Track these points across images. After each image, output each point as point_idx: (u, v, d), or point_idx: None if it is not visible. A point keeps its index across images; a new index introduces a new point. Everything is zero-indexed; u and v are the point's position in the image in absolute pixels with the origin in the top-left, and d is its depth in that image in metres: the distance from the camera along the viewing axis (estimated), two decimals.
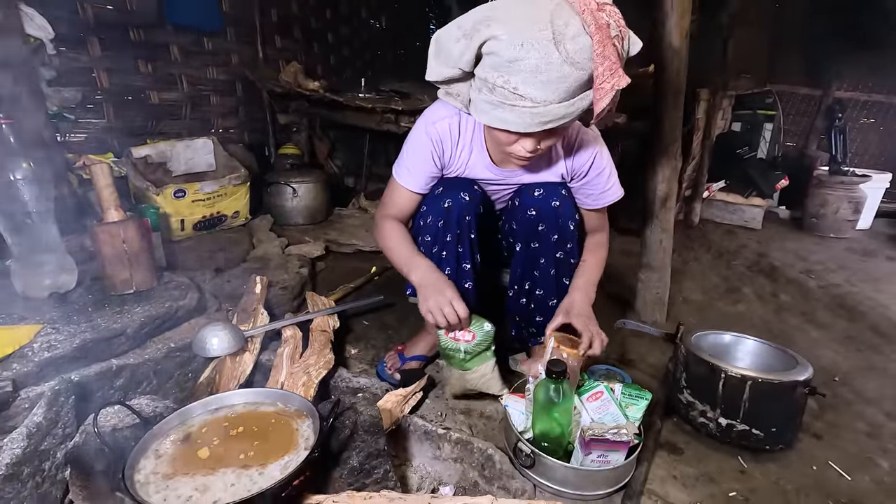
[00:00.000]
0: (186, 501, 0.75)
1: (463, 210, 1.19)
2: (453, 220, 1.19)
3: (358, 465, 0.93)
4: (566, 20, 0.85)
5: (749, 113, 3.59)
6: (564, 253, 1.25)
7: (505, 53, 0.86)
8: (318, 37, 3.23)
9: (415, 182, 1.21)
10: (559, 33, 0.85)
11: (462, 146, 1.19)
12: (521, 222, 1.24)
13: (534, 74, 0.86)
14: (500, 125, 0.96)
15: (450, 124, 1.16)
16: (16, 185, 1.17)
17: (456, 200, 1.18)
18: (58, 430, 0.92)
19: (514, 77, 0.88)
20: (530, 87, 0.88)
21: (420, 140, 1.17)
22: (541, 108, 0.90)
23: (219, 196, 2.07)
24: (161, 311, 1.27)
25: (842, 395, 1.46)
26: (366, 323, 1.70)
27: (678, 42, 1.57)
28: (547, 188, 1.21)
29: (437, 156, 1.18)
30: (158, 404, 0.99)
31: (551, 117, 0.91)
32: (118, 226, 1.27)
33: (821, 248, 2.80)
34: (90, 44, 1.98)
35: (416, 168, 1.20)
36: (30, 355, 1.03)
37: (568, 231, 1.23)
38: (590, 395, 1.09)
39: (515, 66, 0.87)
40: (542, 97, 0.89)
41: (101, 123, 2.06)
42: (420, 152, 1.18)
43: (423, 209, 1.24)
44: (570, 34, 0.85)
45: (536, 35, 0.85)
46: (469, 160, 1.21)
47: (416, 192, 1.23)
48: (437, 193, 1.21)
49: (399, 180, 1.23)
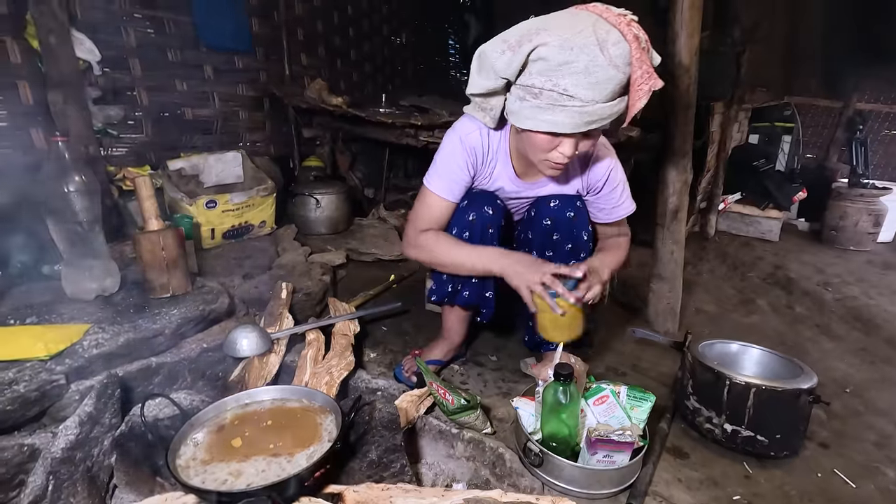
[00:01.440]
0: (222, 484, 0.82)
1: (487, 223, 1.26)
2: (477, 232, 1.26)
3: (376, 459, 0.99)
4: (607, 29, 0.94)
5: (767, 125, 3.59)
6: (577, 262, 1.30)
7: (555, 58, 0.94)
8: (341, 54, 3.36)
9: (449, 190, 1.25)
10: (602, 39, 0.93)
11: (491, 157, 1.26)
12: (537, 232, 1.31)
13: (584, 76, 0.93)
14: (549, 128, 1.00)
15: (481, 135, 1.22)
16: (69, 197, 1.28)
17: (480, 214, 1.25)
18: (105, 419, 1.01)
19: (565, 79, 0.94)
20: (580, 88, 0.95)
21: (455, 150, 1.23)
22: (589, 108, 0.96)
23: (247, 206, 2.18)
24: (195, 314, 1.36)
25: (852, 406, 1.47)
26: (384, 328, 1.77)
27: (688, 59, 1.62)
28: (562, 199, 1.27)
29: (470, 165, 1.24)
30: (195, 398, 1.08)
31: (597, 116, 0.98)
32: (158, 234, 1.37)
33: (840, 261, 2.79)
34: (132, 65, 2.13)
35: (449, 177, 1.24)
36: (80, 352, 1.12)
37: (581, 241, 1.29)
38: (596, 398, 1.14)
39: (566, 68, 0.94)
40: (591, 97, 0.95)
41: (140, 138, 2.20)
42: (455, 161, 1.23)
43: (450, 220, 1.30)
44: (612, 40, 0.93)
45: (584, 41, 0.92)
46: (495, 171, 1.27)
47: (449, 201, 1.26)
48: (462, 207, 1.27)
49: (432, 189, 1.25)
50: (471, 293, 1.35)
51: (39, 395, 1.01)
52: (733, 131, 3.03)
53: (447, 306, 1.47)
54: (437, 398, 1.22)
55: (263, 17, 2.71)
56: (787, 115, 3.66)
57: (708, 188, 3.01)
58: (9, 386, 0.99)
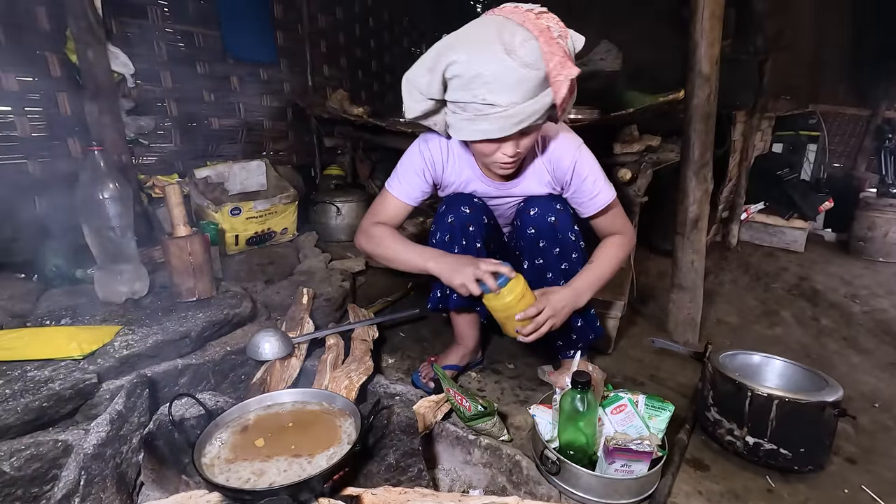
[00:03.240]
0: (245, 483, 0.85)
1: (465, 221, 1.29)
2: (457, 232, 1.29)
3: (394, 463, 1.00)
4: (512, 31, 0.97)
5: (791, 134, 3.53)
6: (569, 263, 1.31)
7: (467, 72, 0.97)
8: (362, 65, 3.43)
9: (404, 193, 1.32)
10: (509, 42, 0.96)
11: (452, 163, 1.30)
12: (525, 240, 1.32)
13: (497, 83, 0.97)
14: (480, 136, 1.05)
15: (440, 144, 1.28)
16: (103, 204, 1.33)
17: (457, 214, 1.29)
18: (134, 418, 1.04)
19: (481, 90, 0.98)
20: (498, 95, 0.98)
21: (413, 158, 1.30)
22: (511, 110, 0.99)
23: (270, 214, 2.24)
24: (219, 318, 1.40)
25: (881, 422, 1.43)
26: (402, 334, 1.79)
27: (708, 69, 1.62)
28: (541, 205, 1.28)
29: (427, 172, 1.30)
30: (219, 399, 1.11)
31: (523, 116, 1.01)
32: (186, 240, 1.42)
33: (868, 273, 2.71)
34: (163, 77, 2.21)
35: (406, 181, 1.31)
36: (111, 352, 1.17)
37: (568, 242, 1.29)
38: (614, 407, 1.13)
39: (479, 79, 0.97)
40: (510, 100, 0.98)
41: (169, 147, 2.28)
42: (413, 167, 1.30)
43: (432, 228, 1.35)
44: (518, 41, 0.96)
45: (490, 49, 0.96)
46: (463, 175, 1.31)
47: (404, 202, 1.32)
48: (442, 211, 1.32)
49: (390, 190, 1.33)
50: (459, 296, 1.33)
51: (73, 393, 1.05)
52: (756, 140, 2.99)
53: (453, 313, 1.49)
54: (454, 404, 1.23)
55: (288, 30, 2.79)
56: (813, 123, 3.60)
57: (730, 197, 2.97)
58: (45, 384, 1.04)
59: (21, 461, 0.91)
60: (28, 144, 1.79)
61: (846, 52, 3.72)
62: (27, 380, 1.04)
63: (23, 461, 0.91)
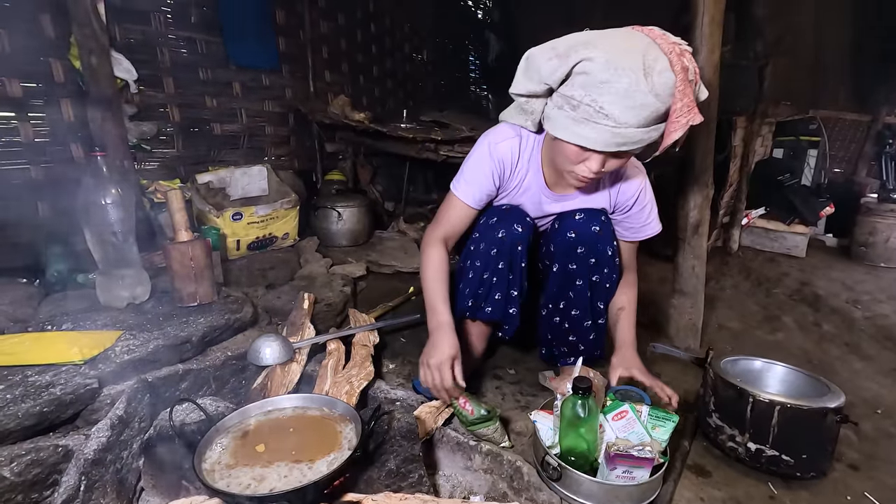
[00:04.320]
0: (246, 488, 0.84)
1: (516, 241, 1.27)
2: (506, 249, 1.27)
3: (395, 468, 1.00)
4: (656, 56, 0.95)
5: (791, 139, 3.53)
6: (601, 277, 1.30)
7: (598, 74, 0.95)
8: (364, 71, 3.45)
9: (472, 196, 1.28)
10: (649, 66, 0.94)
11: (521, 167, 1.27)
12: (560, 244, 1.30)
13: (622, 97, 0.94)
14: (578, 141, 1.02)
15: (511, 146, 1.24)
16: (105, 209, 1.34)
17: (510, 232, 1.26)
18: (135, 423, 1.04)
19: (603, 97, 0.95)
20: (616, 109, 0.95)
21: (483, 157, 1.25)
22: (621, 129, 0.97)
23: (271, 219, 2.24)
24: (220, 323, 1.41)
25: (884, 428, 1.43)
26: (403, 340, 1.79)
27: (709, 74, 1.62)
28: (587, 213, 1.27)
29: (496, 174, 1.26)
30: (220, 404, 1.11)
31: (627, 139, 0.99)
32: (187, 245, 1.42)
33: (869, 278, 2.70)
34: (166, 83, 2.23)
35: (475, 183, 1.27)
36: (112, 357, 1.17)
37: (606, 256, 1.28)
38: (615, 414, 1.13)
39: (606, 87, 0.95)
40: (626, 119, 0.96)
41: (171, 153, 2.29)
42: (481, 168, 1.26)
43: (475, 235, 1.31)
44: (658, 69, 0.94)
45: (630, 63, 0.93)
46: (525, 180, 1.29)
47: (471, 207, 1.29)
48: (492, 223, 1.28)
49: (457, 193, 1.29)
50: (494, 309, 1.34)
51: (74, 398, 1.05)
52: (756, 145, 2.99)
53: (468, 321, 1.45)
54: (456, 408, 1.23)
55: (290, 36, 2.82)
56: (813, 128, 3.60)
57: (731, 203, 2.97)
58: (46, 388, 1.04)
59: (21, 466, 0.91)
60: (31, 150, 1.80)
61: (846, 57, 3.72)
62: (28, 385, 1.05)
63: (23, 466, 0.91)
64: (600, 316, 1.36)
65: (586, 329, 1.37)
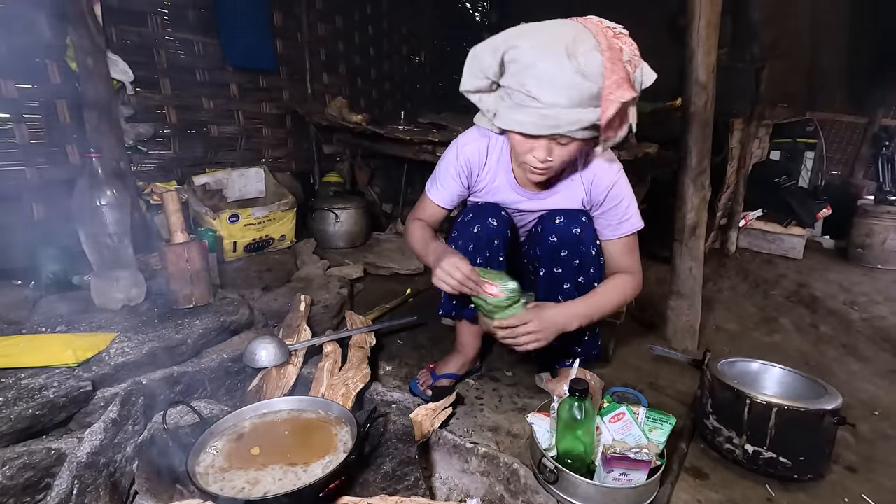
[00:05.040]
0: (240, 492, 0.84)
1: (492, 234, 1.28)
2: (483, 244, 1.29)
3: (390, 471, 1.00)
4: (582, 39, 0.97)
5: (788, 141, 3.54)
6: (586, 277, 1.30)
7: (524, 60, 0.98)
8: (361, 73, 3.45)
9: (441, 197, 1.35)
10: (574, 48, 0.96)
11: (489, 168, 1.30)
12: (544, 248, 1.31)
13: (547, 79, 0.96)
14: (514, 126, 1.05)
15: (478, 147, 1.28)
16: (101, 210, 1.33)
17: (484, 226, 1.28)
18: (129, 426, 1.04)
19: (529, 81, 0.98)
20: (543, 90, 0.97)
21: (450, 160, 1.31)
22: (549, 111, 0.99)
23: (268, 220, 2.24)
24: (216, 325, 1.40)
25: (881, 430, 1.43)
26: (400, 342, 1.78)
27: (705, 77, 1.63)
28: (568, 215, 1.28)
29: (463, 176, 1.31)
30: (214, 407, 1.10)
31: (559, 121, 1.00)
32: (183, 247, 1.42)
33: (866, 280, 2.71)
34: (163, 84, 2.22)
35: (443, 185, 1.33)
36: (106, 359, 1.16)
37: (590, 256, 1.28)
38: (612, 416, 1.13)
39: (531, 70, 0.97)
40: (553, 100, 0.98)
41: (168, 154, 2.29)
42: (449, 171, 1.31)
43: (454, 234, 1.34)
44: (583, 50, 0.96)
45: (554, 47, 0.96)
46: (496, 181, 1.31)
47: (441, 207, 1.36)
48: (468, 220, 1.30)
49: (429, 194, 1.37)
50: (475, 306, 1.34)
51: (67, 401, 1.05)
52: (753, 147, 2.99)
53: (458, 321, 1.48)
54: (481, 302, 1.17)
55: (287, 38, 2.81)
56: (810, 131, 3.60)
57: (728, 204, 2.97)
58: (39, 391, 1.03)
59: (13, 470, 0.90)
60: (26, 151, 1.79)
61: (843, 59, 3.74)
62: (21, 387, 1.04)
63: (15, 470, 0.90)
64: None
65: (580, 331, 1.36)
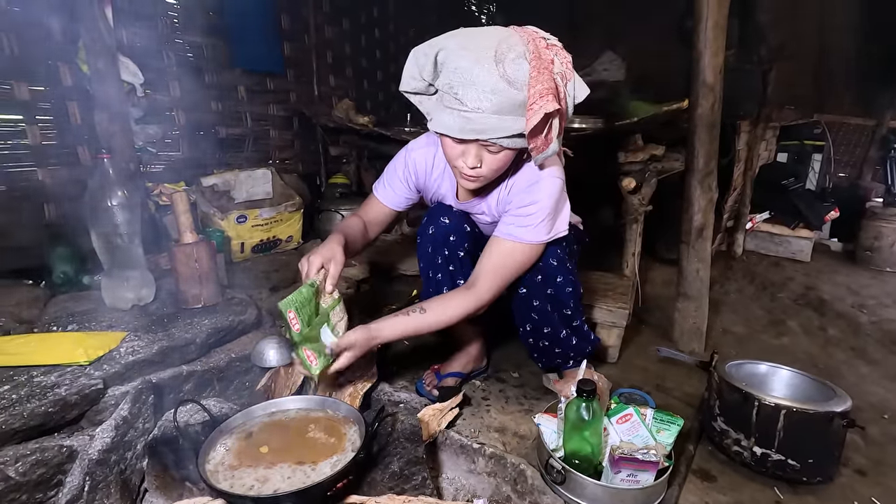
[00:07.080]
0: (249, 489, 0.84)
1: (446, 232, 1.29)
2: (439, 242, 1.30)
3: (398, 471, 1.00)
4: (511, 45, 0.97)
5: (796, 143, 3.53)
6: (554, 289, 1.27)
7: (452, 62, 0.98)
8: (368, 75, 3.46)
9: (386, 196, 1.37)
10: (502, 54, 0.96)
11: (436, 175, 1.32)
12: None
13: (473, 83, 0.96)
14: (441, 129, 1.04)
15: (425, 154, 1.30)
16: (112, 211, 1.35)
17: (437, 225, 1.30)
18: (139, 424, 1.05)
19: (456, 83, 0.98)
20: (468, 93, 0.97)
21: (398, 164, 1.34)
22: (473, 115, 0.99)
23: (275, 221, 2.25)
24: (225, 325, 1.41)
25: (891, 433, 1.41)
26: (406, 342, 1.79)
27: (712, 79, 1.62)
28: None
29: (410, 181, 1.34)
30: (223, 405, 1.11)
31: (483, 126, 0.99)
32: (192, 247, 1.43)
33: (875, 282, 2.69)
34: (172, 86, 2.24)
35: (389, 186, 1.36)
36: (117, 358, 1.17)
37: (551, 268, 1.25)
38: (619, 417, 1.13)
39: (458, 73, 0.98)
40: (477, 105, 0.98)
41: (177, 156, 2.31)
42: (395, 174, 1.34)
43: (418, 240, 1.35)
44: (511, 57, 0.96)
45: (482, 52, 0.96)
46: (441, 189, 1.33)
47: (385, 206, 1.38)
48: (424, 223, 1.33)
49: (374, 193, 1.39)
50: None
51: (79, 399, 1.06)
52: (760, 149, 2.98)
53: None
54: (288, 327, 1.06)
55: (294, 41, 2.83)
56: (817, 133, 3.59)
57: (735, 207, 2.96)
58: (51, 389, 1.05)
59: (26, 466, 0.91)
60: (38, 152, 1.81)
61: (851, 61, 3.72)
62: (33, 385, 1.05)
63: (28, 466, 0.91)
64: (573, 319, 1.34)
65: (566, 337, 1.36)
